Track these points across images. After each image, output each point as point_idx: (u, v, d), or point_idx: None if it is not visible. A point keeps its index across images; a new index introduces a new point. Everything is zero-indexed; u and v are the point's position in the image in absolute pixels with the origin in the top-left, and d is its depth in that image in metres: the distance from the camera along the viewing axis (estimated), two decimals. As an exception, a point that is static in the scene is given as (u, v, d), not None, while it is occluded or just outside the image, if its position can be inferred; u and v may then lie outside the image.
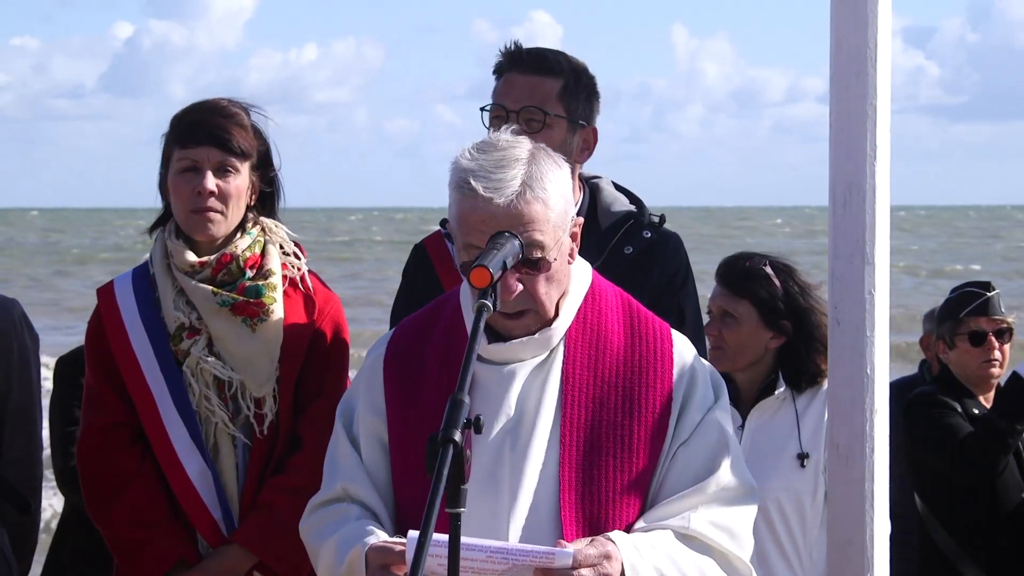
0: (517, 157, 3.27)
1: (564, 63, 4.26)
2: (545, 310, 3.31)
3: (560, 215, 3.28)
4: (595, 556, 3.13)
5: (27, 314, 4.23)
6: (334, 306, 4.23)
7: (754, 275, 4.86)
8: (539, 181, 3.25)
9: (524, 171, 3.24)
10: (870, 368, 3.54)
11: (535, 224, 3.22)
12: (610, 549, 3.17)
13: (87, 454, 4.16)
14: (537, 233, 3.23)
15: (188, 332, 4.11)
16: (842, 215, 3.57)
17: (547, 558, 3.08)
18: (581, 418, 3.31)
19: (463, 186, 3.25)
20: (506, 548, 3.10)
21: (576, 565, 3.09)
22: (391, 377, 3.43)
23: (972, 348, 5.92)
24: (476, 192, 3.22)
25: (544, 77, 4.22)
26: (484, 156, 3.27)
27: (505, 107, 4.20)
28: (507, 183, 3.22)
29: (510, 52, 4.27)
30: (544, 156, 3.31)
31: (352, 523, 3.31)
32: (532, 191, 3.23)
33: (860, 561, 3.54)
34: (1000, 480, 5.77)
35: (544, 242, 3.24)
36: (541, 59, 4.24)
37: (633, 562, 3.17)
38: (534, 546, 3.14)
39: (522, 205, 3.21)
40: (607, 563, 3.14)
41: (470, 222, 3.23)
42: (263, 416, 4.10)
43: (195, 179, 4.08)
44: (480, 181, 3.22)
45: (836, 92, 3.58)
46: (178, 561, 4.06)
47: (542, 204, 3.23)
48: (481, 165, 3.25)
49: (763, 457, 4.62)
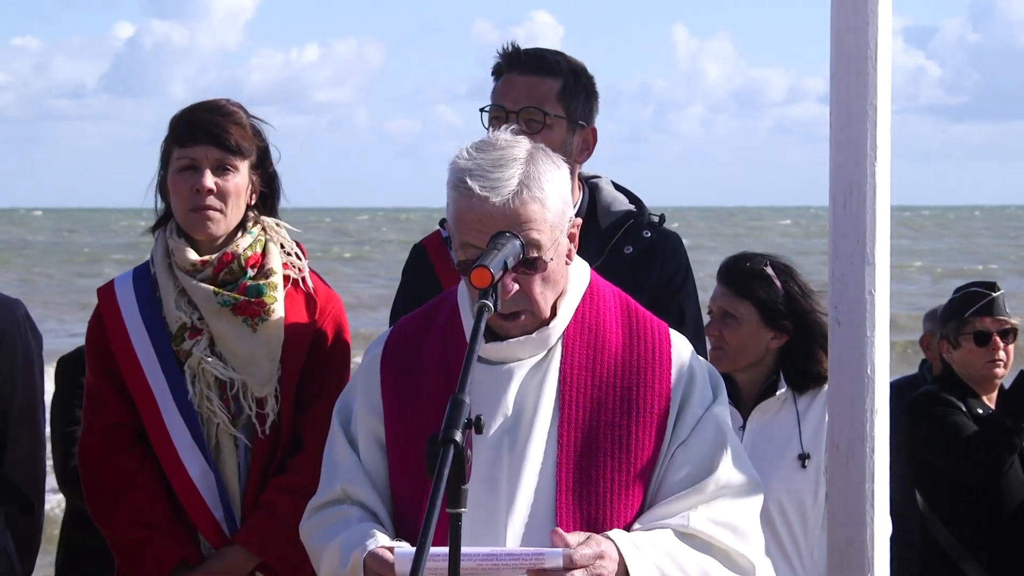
0: (515, 157, 3.27)
1: (563, 63, 4.26)
2: (540, 311, 3.31)
3: (557, 215, 3.27)
4: (589, 556, 3.12)
5: (31, 315, 4.23)
6: (335, 306, 4.24)
7: (755, 275, 4.86)
8: (536, 181, 3.24)
9: (522, 171, 3.24)
10: (870, 368, 3.53)
11: (532, 224, 3.22)
12: (604, 548, 3.16)
13: (88, 454, 4.17)
14: (534, 232, 3.22)
15: (190, 332, 4.11)
16: (842, 215, 3.57)
17: (536, 559, 3.08)
18: (579, 418, 3.31)
19: (460, 185, 3.25)
20: (495, 553, 3.10)
21: (569, 566, 3.09)
22: (388, 376, 3.43)
23: (976, 348, 5.92)
24: (473, 191, 3.22)
25: (543, 77, 4.22)
26: (482, 155, 3.27)
27: (504, 108, 4.20)
28: (504, 182, 3.22)
29: (508, 53, 4.27)
30: (543, 156, 3.31)
31: (354, 526, 3.31)
32: (529, 191, 3.22)
33: (860, 561, 3.53)
34: (1004, 479, 5.77)
35: (541, 242, 3.24)
36: (540, 59, 4.24)
37: (633, 561, 3.17)
38: (523, 549, 3.15)
39: (519, 205, 3.21)
40: (601, 563, 3.14)
41: (467, 221, 3.23)
42: (265, 416, 4.10)
43: (194, 177, 4.08)
44: (477, 180, 3.22)
45: (836, 92, 3.57)
46: (180, 562, 4.06)
47: (539, 204, 3.23)
48: (479, 164, 3.25)
49: (764, 458, 4.61)
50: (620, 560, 3.18)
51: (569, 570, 3.09)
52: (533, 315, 3.31)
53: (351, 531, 3.30)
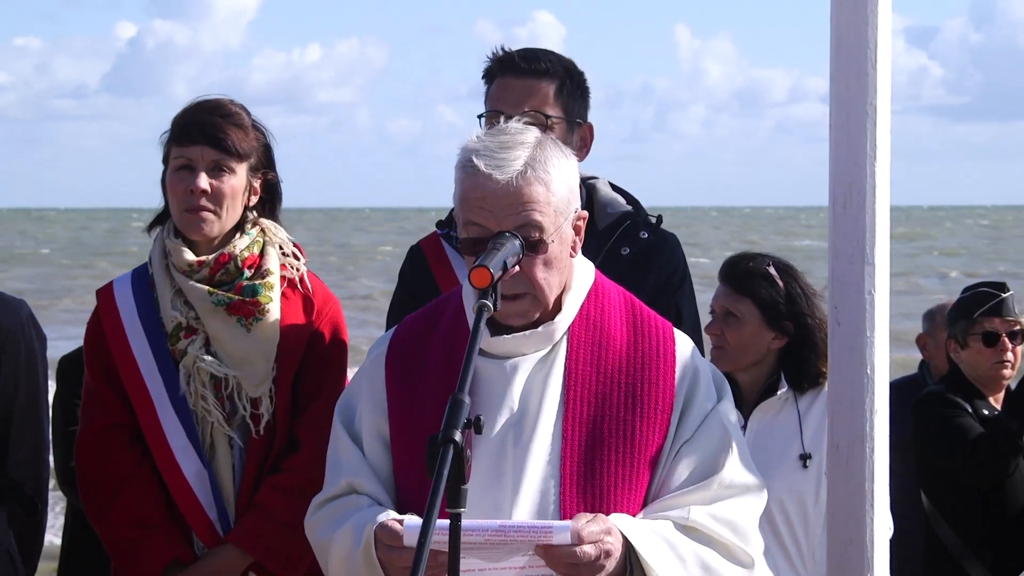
0: (524, 141, 3.29)
1: (557, 63, 4.26)
2: (544, 295, 3.31)
3: (562, 200, 3.28)
4: (597, 532, 3.13)
5: (34, 315, 4.24)
6: (333, 307, 4.24)
7: (757, 275, 4.86)
8: (542, 164, 3.25)
9: (529, 153, 3.26)
10: (870, 368, 3.53)
11: (535, 204, 3.23)
12: (611, 525, 3.18)
13: (85, 454, 4.18)
14: (536, 214, 3.23)
15: (185, 332, 4.12)
16: (842, 215, 3.57)
17: (545, 533, 3.08)
18: (584, 413, 3.32)
19: (467, 165, 3.27)
20: (504, 525, 3.10)
21: (578, 541, 3.09)
22: (393, 375, 3.43)
23: (985, 348, 5.92)
24: (478, 169, 3.23)
25: (539, 79, 4.23)
26: (491, 138, 3.29)
27: (503, 112, 4.16)
28: (510, 162, 3.23)
29: (501, 57, 4.27)
30: (551, 144, 3.33)
31: (365, 509, 3.32)
32: (534, 171, 3.24)
33: (860, 561, 3.53)
34: (1009, 480, 5.77)
35: (543, 224, 3.24)
36: (535, 61, 4.24)
37: (636, 537, 3.18)
38: (532, 521, 3.16)
39: (522, 184, 3.22)
40: (608, 538, 3.15)
41: (471, 199, 3.25)
42: (259, 416, 4.11)
43: (189, 178, 4.09)
44: (483, 159, 3.24)
45: (836, 92, 3.57)
46: (173, 561, 4.07)
47: (543, 186, 3.24)
48: (486, 146, 3.27)
49: (765, 458, 4.60)
50: (624, 539, 3.19)
51: (577, 545, 3.10)
52: (536, 300, 3.31)
53: (362, 513, 3.30)
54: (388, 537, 3.18)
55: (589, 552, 3.11)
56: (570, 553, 3.09)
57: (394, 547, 3.17)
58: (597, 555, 3.12)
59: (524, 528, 3.11)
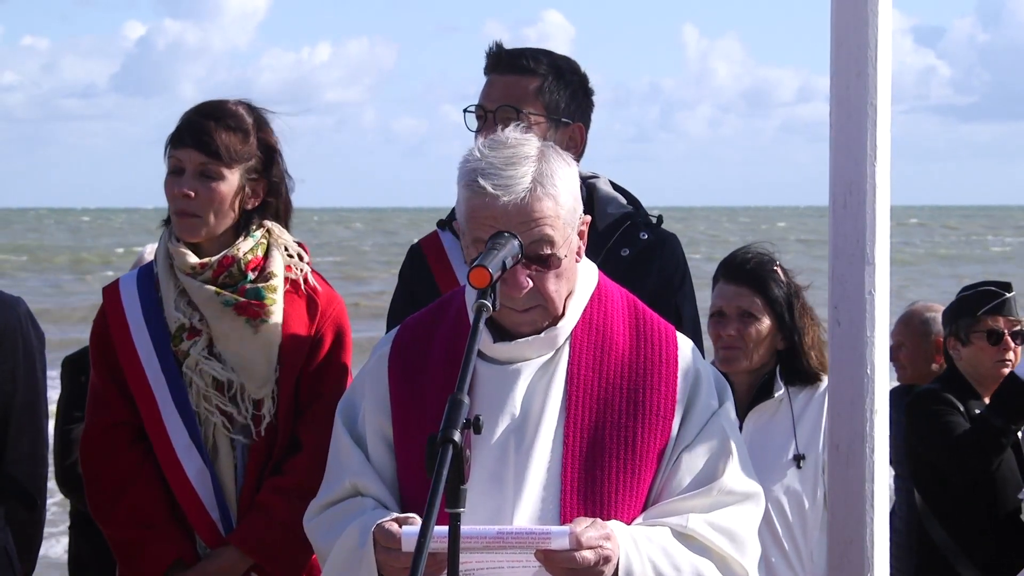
0: (527, 154, 3.27)
1: (543, 61, 4.27)
2: (554, 306, 3.31)
3: (570, 212, 3.28)
4: (596, 537, 3.12)
5: (32, 312, 4.24)
6: (337, 308, 4.23)
7: (768, 274, 4.86)
8: (549, 178, 3.25)
9: (534, 168, 3.25)
10: (870, 368, 3.53)
11: (546, 220, 3.22)
12: (610, 530, 3.17)
13: (89, 453, 4.17)
14: (548, 229, 3.23)
15: (188, 333, 4.11)
16: (842, 215, 3.57)
17: (543, 539, 3.08)
18: (585, 419, 3.31)
19: (472, 184, 3.25)
20: (503, 531, 3.09)
21: (577, 546, 3.09)
22: (396, 375, 3.43)
23: (988, 346, 5.92)
24: (485, 190, 3.22)
25: (520, 76, 4.25)
26: (494, 154, 3.27)
27: (484, 107, 4.24)
28: (517, 180, 3.22)
29: (491, 54, 4.31)
30: (553, 154, 3.32)
31: (370, 512, 3.31)
32: (543, 187, 3.23)
33: (860, 561, 3.53)
34: (999, 479, 5.77)
35: (554, 238, 3.24)
36: (518, 58, 4.27)
37: (628, 551, 3.17)
38: (531, 527, 3.15)
39: (532, 202, 3.21)
40: (607, 543, 3.14)
41: (480, 219, 3.23)
42: (261, 417, 4.10)
43: (178, 181, 4.09)
44: (490, 179, 3.22)
45: (836, 92, 3.58)
46: (176, 561, 4.07)
47: (553, 201, 3.24)
48: (491, 163, 3.25)
49: (762, 459, 4.61)
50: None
51: (576, 550, 3.09)
52: (546, 311, 3.31)
53: (368, 515, 3.29)
54: (385, 539, 3.18)
55: (588, 557, 3.10)
56: (569, 558, 3.09)
57: (391, 549, 3.16)
58: (596, 560, 3.11)
59: (522, 533, 3.10)
